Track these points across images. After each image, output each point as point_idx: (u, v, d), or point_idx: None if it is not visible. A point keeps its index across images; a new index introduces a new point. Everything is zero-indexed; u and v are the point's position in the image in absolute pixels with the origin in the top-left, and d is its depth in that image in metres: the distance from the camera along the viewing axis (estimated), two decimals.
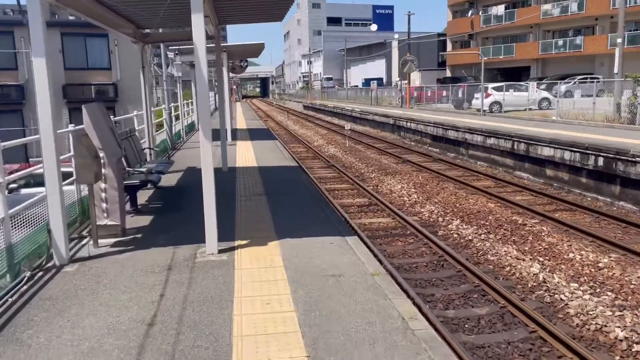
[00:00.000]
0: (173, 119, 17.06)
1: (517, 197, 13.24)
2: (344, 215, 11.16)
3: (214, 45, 11.09)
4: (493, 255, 8.89)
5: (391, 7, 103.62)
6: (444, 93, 34.98)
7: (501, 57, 48.87)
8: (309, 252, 5.23)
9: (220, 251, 5.16)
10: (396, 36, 62.09)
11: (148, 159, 10.11)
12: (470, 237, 9.93)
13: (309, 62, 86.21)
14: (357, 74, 76.40)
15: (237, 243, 5.48)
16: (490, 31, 49.75)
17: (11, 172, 17.29)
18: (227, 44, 16.29)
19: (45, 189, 4.79)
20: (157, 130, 15.73)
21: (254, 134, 21.21)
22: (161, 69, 17.21)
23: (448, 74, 53.50)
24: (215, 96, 36.90)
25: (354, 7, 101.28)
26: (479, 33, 50.65)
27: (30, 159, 21.16)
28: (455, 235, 10.15)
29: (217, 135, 11.93)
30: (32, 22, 4.65)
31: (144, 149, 8.86)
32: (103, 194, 5.63)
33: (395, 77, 64.66)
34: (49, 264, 4.81)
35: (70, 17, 23.61)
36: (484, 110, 26.50)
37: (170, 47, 16.17)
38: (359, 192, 14.06)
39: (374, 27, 79.88)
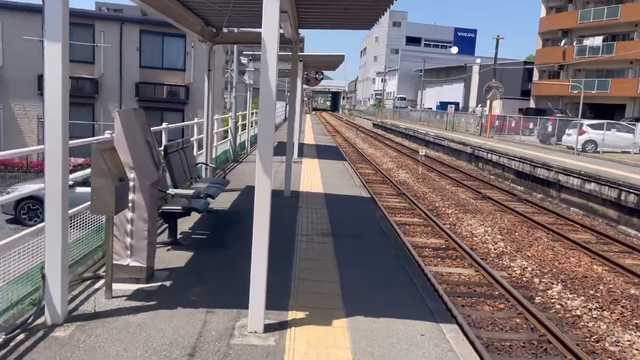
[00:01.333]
0: (239, 128, 16.03)
1: (627, 260, 11.02)
2: (417, 260, 9.47)
3: (289, 53, 9.85)
4: (614, 345, 6.91)
5: (474, 31, 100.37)
6: (530, 125, 32.32)
7: (594, 92, 45.15)
8: (390, 351, 3.62)
9: (267, 328, 3.68)
10: (478, 60, 59.40)
11: (204, 174, 8.92)
12: (578, 312, 7.96)
13: (383, 80, 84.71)
14: (431, 96, 74.01)
15: (290, 316, 3.97)
16: (583, 63, 46.21)
17: (75, 167, 16.85)
18: (304, 54, 15.09)
19: (45, 216, 3.52)
20: (224, 139, 14.70)
21: (321, 151, 19.86)
22: (239, 75, 16.38)
23: (532, 104, 50.25)
24: (285, 107, 36.14)
25: (435, 28, 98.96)
26: (570, 64, 47.20)
27: None
28: (558, 307, 8.20)
29: (282, 149, 10.58)
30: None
31: (198, 163, 7.64)
32: (128, 226, 4.33)
33: (472, 103, 61.86)
34: (38, 321, 3.53)
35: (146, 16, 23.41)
36: (578, 150, 23.85)
37: (244, 52, 15.22)
38: (434, 230, 12.29)
39: (454, 49, 77.33)
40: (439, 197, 16.77)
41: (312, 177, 12.12)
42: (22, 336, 3.32)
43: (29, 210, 13.87)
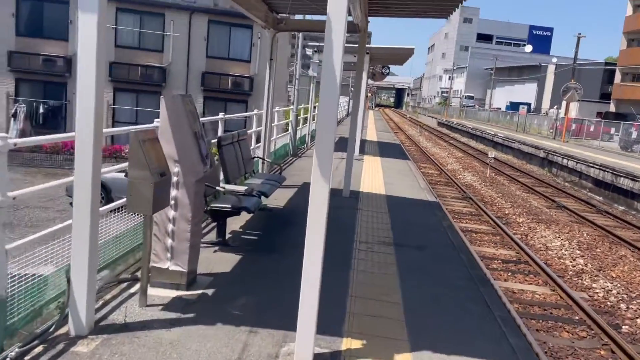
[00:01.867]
0: (301, 121, 15.58)
1: None
2: (486, 274, 8.61)
3: (356, 45, 9.19)
4: None
5: (550, 29, 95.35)
6: (612, 130, 30.00)
7: None
8: None
9: (316, 358, 3.09)
10: (554, 60, 56.21)
11: (260, 169, 8.47)
12: None
13: (451, 78, 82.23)
14: (501, 95, 70.98)
15: (345, 345, 3.35)
16: None
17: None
18: (371, 46, 14.39)
19: (73, 212, 3.10)
20: (285, 131, 14.27)
21: (384, 149, 19.09)
22: (303, 68, 15.89)
23: (612, 108, 47.02)
24: (349, 101, 35.48)
25: (508, 26, 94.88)
26: None
27: None
28: None
29: (343, 145, 9.95)
30: None
31: (254, 157, 7.16)
32: (170, 226, 3.87)
33: (545, 104, 58.73)
34: (60, 331, 3.13)
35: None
36: None
37: (309, 44, 14.71)
38: (503, 239, 11.32)
39: (528, 47, 73.88)
40: (508, 204, 15.63)
41: (373, 177, 11.43)
42: (39, 348, 2.92)
43: None
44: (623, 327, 7.48)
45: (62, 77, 22.30)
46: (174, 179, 3.79)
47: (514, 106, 57.13)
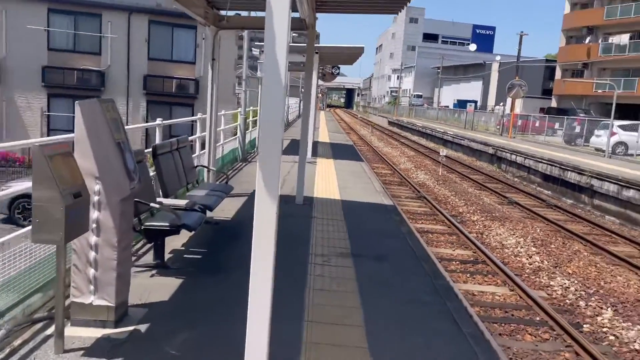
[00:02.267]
0: (250, 125, 14.99)
1: None
2: (448, 280, 8.34)
3: (304, 44, 8.72)
4: None
5: (493, 28, 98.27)
6: (556, 125, 30.88)
7: (620, 91, 43.38)
8: None
9: None
10: (498, 58, 57.76)
11: (206, 178, 7.86)
12: (637, 346, 6.81)
13: (399, 77, 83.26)
14: (448, 94, 72.44)
15: None
16: (609, 62, 44.46)
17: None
18: (320, 45, 13.99)
19: None
20: (234, 136, 13.63)
21: (337, 150, 18.75)
22: (251, 70, 15.20)
23: (553, 104, 48.65)
24: (300, 103, 35.10)
25: (453, 25, 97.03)
26: (595, 63, 45.48)
27: None
28: (612, 338, 7.05)
29: (295, 148, 9.46)
30: None
31: (197, 166, 6.57)
32: (92, 254, 3.30)
33: (491, 101, 60.30)
34: None
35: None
36: (609, 152, 22.47)
37: (256, 44, 14.15)
38: (460, 240, 11.16)
39: (472, 46, 75.81)
40: (462, 202, 15.60)
41: (327, 180, 11.01)
42: None
43: (24, 210, 12.97)
44: (584, 325, 7.36)
45: (96, 92, 21.28)
46: (94, 198, 3.22)
47: (461, 104, 58.37)
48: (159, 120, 6.31)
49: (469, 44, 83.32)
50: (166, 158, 5.24)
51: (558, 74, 50.69)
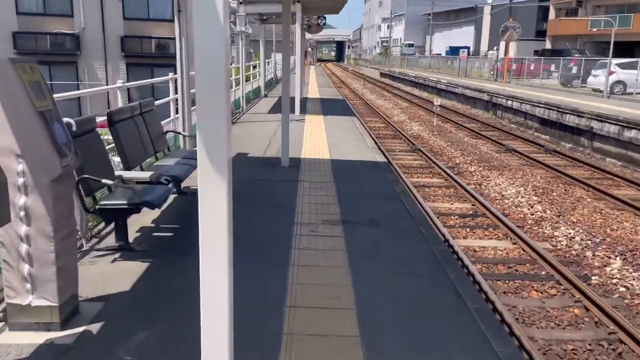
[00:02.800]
0: (234, 84, 14.23)
1: None
2: (444, 234, 7.89)
3: None
4: None
5: None
6: (552, 67, 30.01)
7: (615, 28, 42.19)
8: None
9: None
10: (489, 0, 55.98)
11: (182, 145, 7.25)
12: None
13: (389, 27, 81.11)
14: (440, 41, 70.69)
15: None
16: None
17: None
18: None
19: None
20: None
21: (327, 106, 18.02)
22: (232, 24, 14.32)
23: (548, 45, 47.48)
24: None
25: None
26: (589, 0, 44.03)
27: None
28: (622, 290, 6.67)
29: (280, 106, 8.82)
30: None
31: (166, 132, 5.93)
32: (24, 247, 2.76)
33: (484, 47, 58.89)
34: None
35: None
36: (607, 92, 21.79)
37: None
38: (457, 192, 10.71)
39: None
40: (458, 152, 15.08)
41: (316, 139, 10.40)
42: None
43: None
44: (592, 277, 6.98)
45: (72, 56, 20.04)
46: (19, 181, 2.66)
47: (453, 51, 56.94)
48: (119, 83, 5.64)
49: None
50: (125, 125, 4.63)
51: (552, 14, 49.24)
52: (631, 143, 13.98)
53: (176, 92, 7.63)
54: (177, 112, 7.50)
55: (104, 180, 3.63)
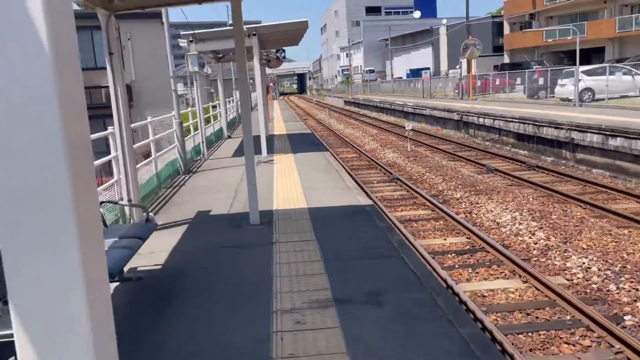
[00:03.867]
0: (192, 129, 13.08)
1: None
2: (446, 279, 6.80)
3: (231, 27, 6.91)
4: None
5: None
6: (518, 80, 29.86)
7: (569, 37, 42.92)
8: None
9: None
10: (444, 21, 56.72)
11: (131, 215, 6.02)
12: None
13: (348, 55, 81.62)
14: (400, 64, 71.28)
15: None
16: (555, 9, 43.95)
17: None
18: (257, 24, 12.15)
19: None
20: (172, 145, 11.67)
21: (296, 142, 17.00)
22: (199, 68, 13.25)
23: (506, 59, 48.00)
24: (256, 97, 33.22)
25: None
26: (542, 12, 44.89)
27: None
28: None
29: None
30: None
31: (102, 203, 4.65)
32: None
33: (444, 67, 59.40)
34: None
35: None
36: (578, 100, 21.45)
37: (182, 33, 12.21)
38: (447, 224, 9.72)
39: (417, 13, 74.73)
40: (439, 177, 14.18)
41: (289, 183, 9.25)
42: None
43: None
44: (625, 317, 5.97)
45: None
46: None
47: (414, 73, 57.19)
48: None
49: (412, 12, 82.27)
50: None
51: (506, 29, 50.03)
52: (617, 152, 13.32)
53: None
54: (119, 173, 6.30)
55: None
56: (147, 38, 20.10)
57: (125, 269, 4.38)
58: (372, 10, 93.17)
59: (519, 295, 6.73)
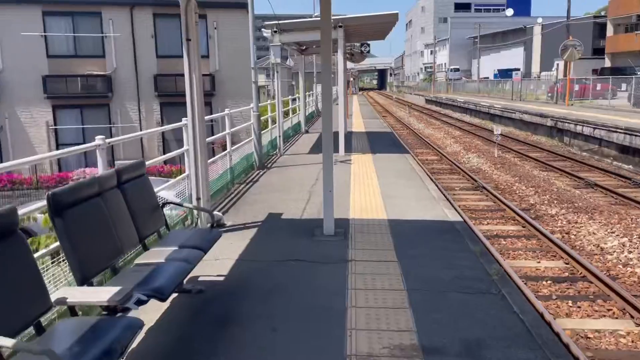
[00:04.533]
0: (269, 122, 12.73)
1: None
2: (542, 313, 5.83)
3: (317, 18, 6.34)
4: None
5: None
6: (624, 86, 27.28)
7: None
8: None
9: None
10: (540, 20, 53.37)
11: (197, 221, 5.59)
12: None
13: (433, 52, 79.34)
14: (488, 64, 68.16)
15: None
16: None
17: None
18: (343, 16, 11.52)
19: None
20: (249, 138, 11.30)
21: (375, 141, 16.22)
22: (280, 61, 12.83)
23: (607, 63, 44.34)
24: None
25: None
26: None
27: (116, 162, 18.21)
28: None
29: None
30: None
31: (165, 203, 4.23)
32: None
33: (535, 68, 56.05)
34: None
35: None
36: None
37: (266, 24, 11.83)
38: (541, 244, 8.62)
39: (509, 11, 71.24)
40: (530, 189, 12.91)
41: (367, 189, 8.49)
42: None
43: None
44: None
45: (209, 97, 19.70)
46: None
47: (502, 74, 54.42)
48: (98, 141, 4.01)
49: (504, 9, 78.58)
50: (82, 213, 2.99)
51: (610, 30, 46.19)
52: None
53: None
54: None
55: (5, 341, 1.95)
56: (232, 28, 20.09)
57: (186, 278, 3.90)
58: (462, 6, 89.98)
59: (632, 341, 5.67)
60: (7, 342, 1.95)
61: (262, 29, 12.20)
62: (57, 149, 18.54)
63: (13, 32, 18.56)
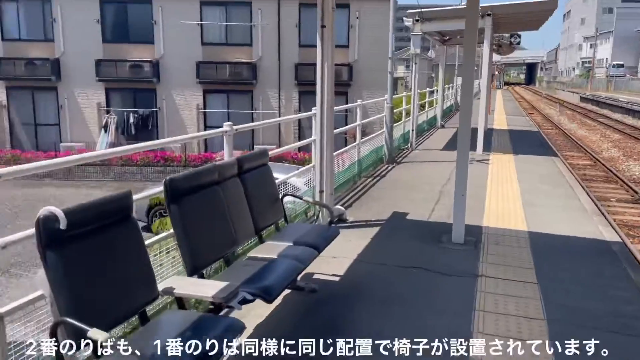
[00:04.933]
0: (403, 115, 12.27)
1: None
2: None
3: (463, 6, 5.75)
4: None
5: None
6: None
7: None
8: None
9: None
10: None
11: (317, 213, 5.44)
12: None
13: (593, 45, 71.79)
14: None
15: None
16: None
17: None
18: (492, 4, 10.62)
19: None
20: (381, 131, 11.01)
21: (517, 140, 14.93)
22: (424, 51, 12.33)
23: None
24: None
25: None
26: None
27: (255, 146, 19.09)
28: None
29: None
30: None
31: (284, 195, 4.08)
32: None
33: None
34: None
35: None
36: None
37: (409, 12, 11.36)
38: None
39: None
40: None
41: (505, 194, 7.69)
42: None
43: (160, 217, 12.02)
44: None
45: (345, 87, 20.90)
46: None
47: None
48: (226, 127, 3.99)
49: None
50: (200, 200, 2.93)
51: None
52: None
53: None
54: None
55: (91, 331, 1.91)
56: (373, 18, 19.92)
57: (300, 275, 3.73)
58: None
59: None
60: (100, 335, 1.88)
61: (404, 18, 11.77)
62: (205, 130, 19.96)
63: (174, 20, 20.29)
